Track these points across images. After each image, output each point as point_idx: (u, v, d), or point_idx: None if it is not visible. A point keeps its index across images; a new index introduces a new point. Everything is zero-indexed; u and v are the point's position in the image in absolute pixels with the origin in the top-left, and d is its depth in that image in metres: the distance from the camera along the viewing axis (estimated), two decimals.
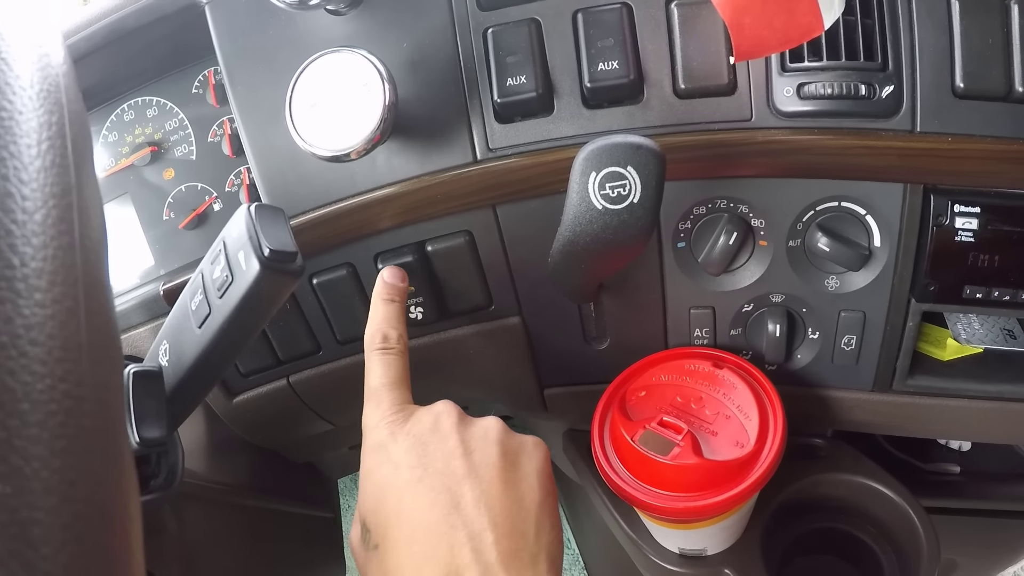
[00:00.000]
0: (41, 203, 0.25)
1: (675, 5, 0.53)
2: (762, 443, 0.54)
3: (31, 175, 0.25)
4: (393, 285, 0.55)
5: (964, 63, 0.50)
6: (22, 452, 0.21)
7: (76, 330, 0.24)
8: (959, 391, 0.60)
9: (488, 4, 0.55)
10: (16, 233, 0.24)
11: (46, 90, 0.29)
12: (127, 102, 0.71)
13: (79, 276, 0.25)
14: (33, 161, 0.26)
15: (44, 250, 0.24)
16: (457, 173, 0.55)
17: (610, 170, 0.44)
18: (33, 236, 0.24)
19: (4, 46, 0.29)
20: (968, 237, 0.54)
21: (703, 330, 0.61)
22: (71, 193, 0.27)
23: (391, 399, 0.49)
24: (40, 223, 0.24)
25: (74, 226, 0.26)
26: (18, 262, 0.23)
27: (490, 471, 0.44)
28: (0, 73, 0.28)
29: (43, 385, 0.22)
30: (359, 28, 0.57)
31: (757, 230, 0.57)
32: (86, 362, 0.24)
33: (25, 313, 0.22)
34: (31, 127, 0.27)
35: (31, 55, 0.30)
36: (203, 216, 0.69)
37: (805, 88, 0.51)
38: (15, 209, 0.24)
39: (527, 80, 0.53)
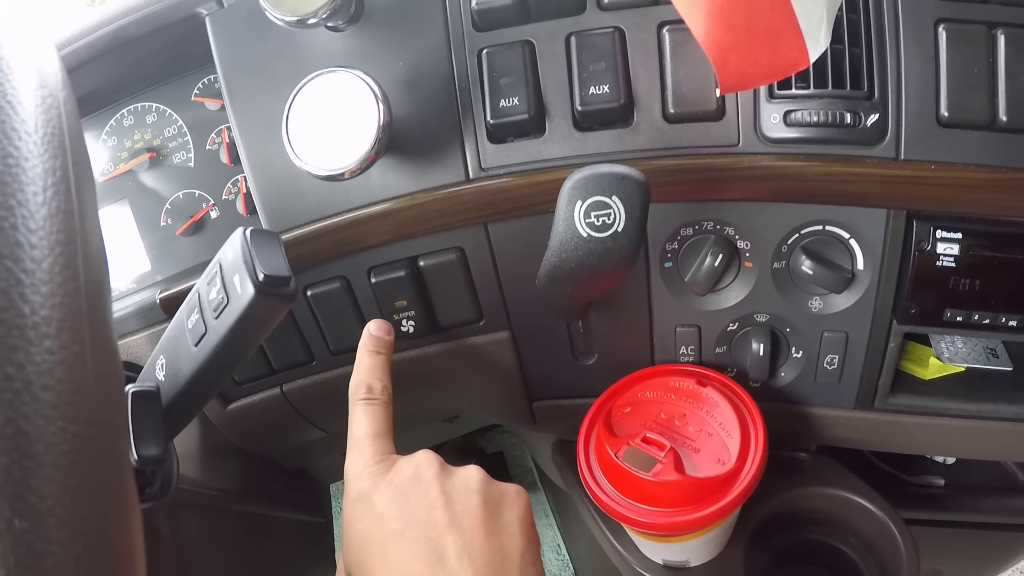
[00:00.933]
0: (48, 251, 0.27)
1: (667, 30, 0.54)
2: (743, 461, 0.56)
3: (38, 223, 0.27)
4: (379, 338, 0.57)
5: (949, 92, 0.51)
6: (37, 491, 0.23)
7: (84, 373, 0.26)
8: (940, 410, 0.62)
9: (484, 24, 0.57)
10: (26, 282, 0.25)
11: (50, 134, 0.31)
12: (127, 107, 0.72)
13: (85, 320, 0.27)
14: (39, 209, 0.28)
15: (52, 298, 0.26)
16: (450, 191, 0.57)
17: (595, 199, 0.46)
18: (42, 284, 0.26)
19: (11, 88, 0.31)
20: (949, 262, 0.55)
21: (689, 347, 0.63)
22: (76, 239, 0.28)
23: (373, 449, 0.50)
24: (48, 271, 0.26)
25: (79, 272, 0.28)
26: (28, 311, 0.25)
27: (472, 521, 0.45)
28: (7, 117, 0.30)
29: (55, 428, 0.24)
30: (356, 45, 0.58)
31: (743, 252, 0.58)
32: (94, 403, 0.26)
33: (36, 360, 0.24)
34: (36, 174, 0.29)
35: (35, 96, 0.32)
36: (200, 223, 0.71)
37: (792, 115, 0.53)
38: (24, 258, 0.26)
39: (520, 102, 0.55)
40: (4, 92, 0.30)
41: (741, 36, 0.42)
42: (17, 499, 0.22)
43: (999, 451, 0.69)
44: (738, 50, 0.42)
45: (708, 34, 0.41)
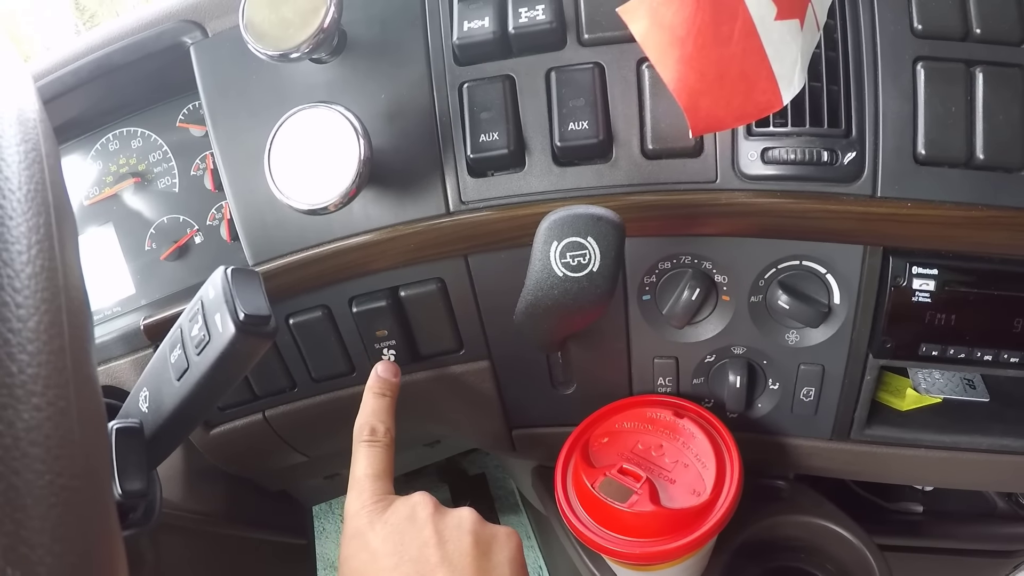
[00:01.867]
0: (34, 310, 0.27)
1: (646, 66, 0.55)
2: (718, 492, 0.57)
3: (23, 282, 0.28)
4: (386, 380, 0.59)
5: (927, 130, 0.52)
6: (28, 541, 0.24)
7: (69, 427, 0.27)
8: (916, 441, 0.63)
9: (464, 59, 0.57)
10: (12, 341, 0.26)
11: (33, 190, 0.31)
12: (112, 132, 0.73)
13: (70, 376, 0.28)
14: (24, 268, 0.28)
15: (38, 356, 0.27)
16: (430, 224, 0.57)
17: (571, 240, 0.47)
18: (28, 343, 0.27)
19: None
20: (925, 297, 0.56)
21: (666, 379, 0.63)
22: (60, 296, 0.29)
23: (372, 489, 0.52)
24: (34, 330, 0.27)
25: (64, 328, 0.28)
26: (16, 369, 0.26)
27: (463, 560, 0.47)
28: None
29: (43, 481, 0.25)
30: (339, 77, 0.59)
31: (720, 285, 0.59)
32: (79, 454, 0.27)
33: (25, 417, 0.25)
34: (21, 232, 0.29)
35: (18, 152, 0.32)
36: (184, 248, 0.71)
37: (769, 152, 0.53)
38: (11, 318, 0.27)
39: (499, 137, 0.56)
40: None
41: (712, 82, 0.42)
42: (9, 549, 0.24)
43: (975, 482, 0.70)
44: (710, 95, 0.43)
45: (678, 80, 0.42)
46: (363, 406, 0.57)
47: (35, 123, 0.35)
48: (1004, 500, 0.80)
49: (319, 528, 1.19)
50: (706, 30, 0.40)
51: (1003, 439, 0.61)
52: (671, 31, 0.40)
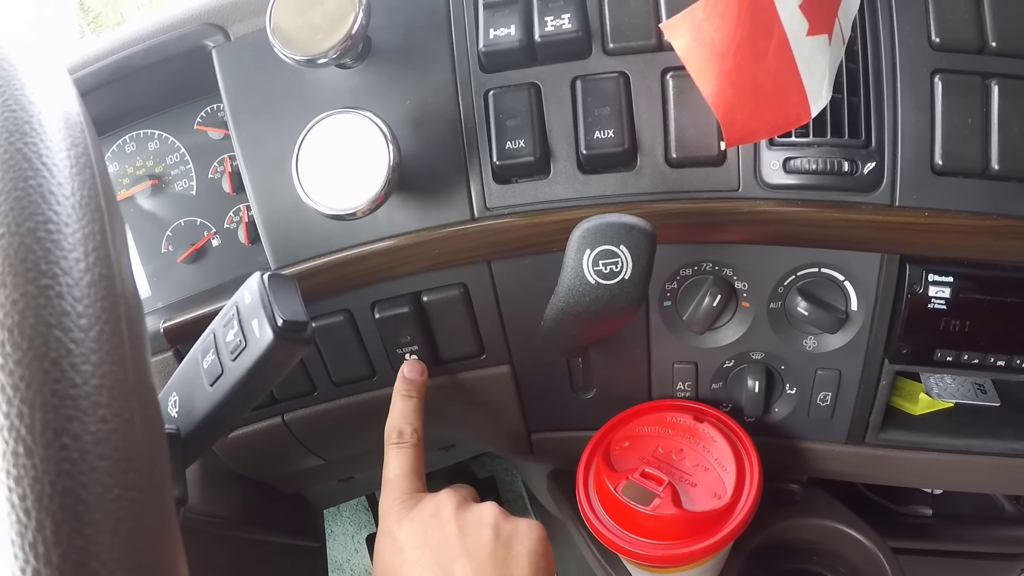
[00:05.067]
0: (95, 319, 0.28)
1: (671, 76, 0.56)
2: (738, 495, 0.58)
3: (83, 291, 0.28)
4: (412, 380, 0.61)
5: (944, 141, 0.53)
6: (99, 557, 0.24)
7: (135, 439, 0.27)
8: (929, 445, 0.65)
9: (490, 66, 0.59)
10: (75, 352, 0.27)
11: (87, 196, 0.32)
12: (129, 134, 0.74)
13: (132, 387, 0.28)
14: (83, 276, 0.29)
15: (102, 367, 0.27)
16: (455, 230, 0.59)
17: (604, 248, 0.48)
18: (91, 354, 0.27)
19: (45, 149, 0.32)
20: (940, 304, 0.58)
21: (686, 383, 0.65)
22: (119, 305, 0.30)
23: (402, 489, 0.55)
24: (96, 340, 0.28)
25: (124, 338, 0.29)
26: (80, 380, 0.26)
27: (482, 552, 0.49)
28: (43, 180, 0.31)
29: (112, 495, 0.26)
30: (363, 83, 0.60)
31: (740, 292, 0.61)
32: (145, 467, 0.27)
33: (91, 429, 0.26)
34: (77, 239, 0.30)
35: (69, 157, 0.33)
36: (201, 251, 0.72)
37: (791, 162, 0.55)
38: (72, 327, 0.27)
39: (525, 144, 0.57)
40: (39, 153, 0.31)
41: (747, 96, 0.44)
42: (80, 566, 0.24)
43: (987, 484, 0.72)
44: (744, 109, 0.44)
45: (717, 95, 0.43)
46: (392, 409, 0.60)
47: (81, 126, 0.36)
48: (1012, 503, 0.82)
49: (327, 531, 1.20)
50: (744, 46, 0.41)
51: (1014, 443, 0.63)
52: (712, 47, 0.41)
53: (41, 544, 0.24)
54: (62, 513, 0.24)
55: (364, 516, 1.22)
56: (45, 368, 0.26)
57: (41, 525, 0.24)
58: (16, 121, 0.31)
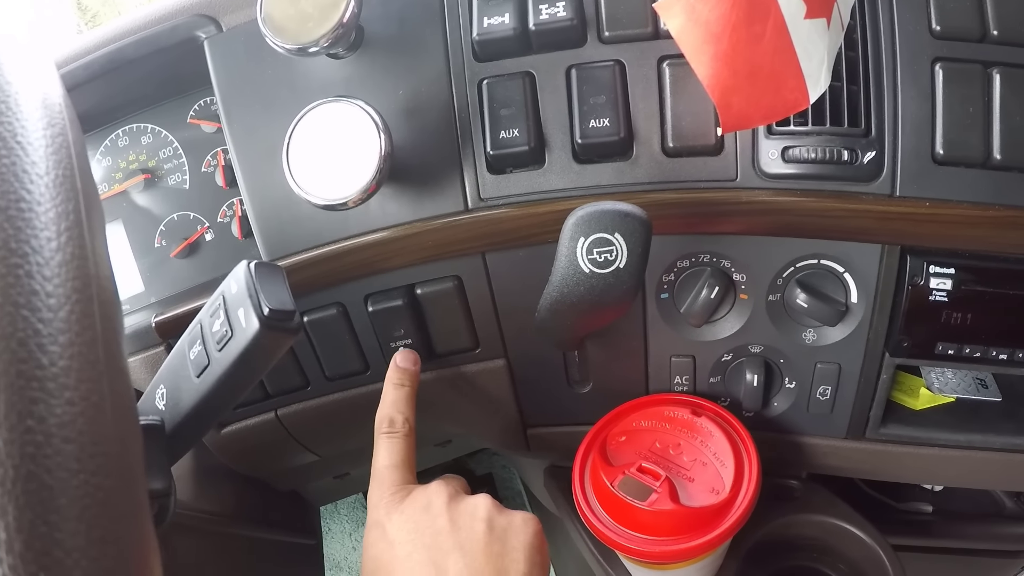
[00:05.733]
0: (65, 299, 0.27)
1: (667, 64, 0.55)
2: (737, 490, 0.57)
3: (53, 270, 0.27)
4: (404, 370, 0.60)
5: (945, 130, 0.53)
6: (63, 544, 0.23)
7: (103, 423, 0.26)
8: (929, 440, 0.64)
9: (484, 55, 0.58)
10: (43, 332, 0.26)
11: (61, 176, 0.31)
12: (122, 127, 0.73)
13: (103, 369, 0.27)
14: (54, 255, 0.28)
15: (70, 348, 0.26)
16: (448, 221, 0.58)
17: (598, 236, 0.47)
18: (60, 334, 0.26)
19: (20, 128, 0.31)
20: (942, 297, 0.57)
21: (683, 377, 0.64)
22: (91, 285, 0.29)
23: (392, 479, 0.53)
24: (65, 320, 0.27)
25: (95, 319, 0.28)
26: (47, 362, 0.25)
27: (476, 546, 0.48)
28: (17, 159, 0.30)
29: (78, 481, 0.24)
30: (356, 73, 0.59)
31: (738, 284, 0.60)
32: (114, 453, 0.26)
33: (57, 412, 0.25)
34: (49, 218, 0.29)
35: (45, 136, 0.32)
36: (195, 245, 0.71)
37: (790, 151, 0.54)
38: (41, 307, 0.26)
39: (520, 134, 0.56)
40: (13, 132, 0.30)
41: (744, 79, 0.43)
42: (43, 554, 0.23)
43: (988, 480, 0.71)
44: (741, 93, 0.43)
45: (712, 77, 0.42)
46: (383, 398, 0.58)
47: (60, 108, 0.35)
48: (1012, 500, 0.81)
49: (324, 528, 1.19)
50: (740, 27, 0.40)
51: (1016, 438, 0.62)
52: (707, 28, 0.40)
53: (3, 531, 0.23)
54: (25, 498, 0.23)
55: (361, 514, 1.21)
56: (12, 348, 0.25)
57: (3, 511, 0.23)
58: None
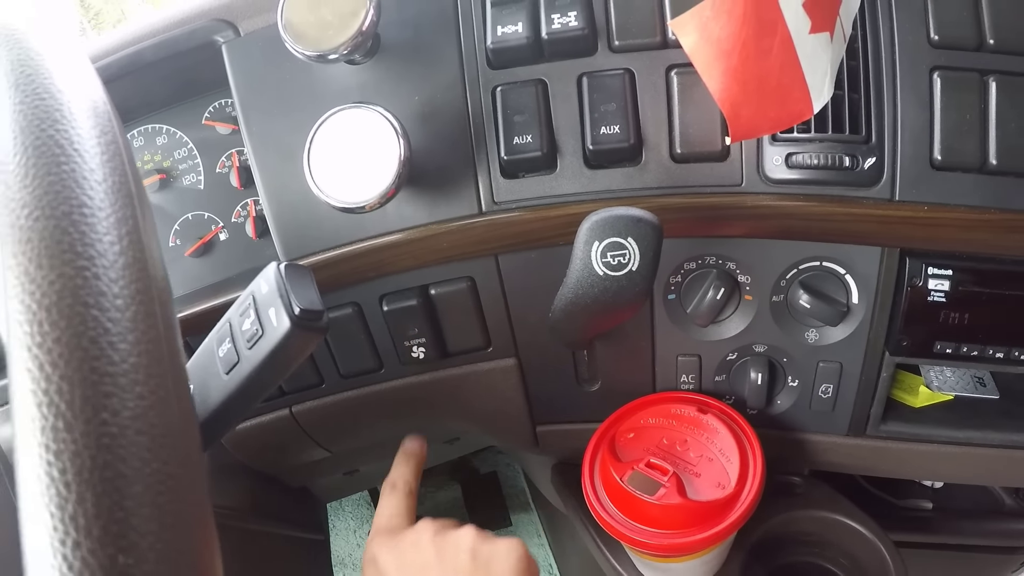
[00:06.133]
0: (130, 300, 0.30)
1: (675, 73, 0.59)
2: (742, 485, 0.60)
3: (118, 272, 0.30)
4: (412, 451, 0.71)
5: (943, 137, 0.56)
6: (138, 528, 0.26)
7: (171, 415, 0.29)
8: (929, 437, 0.67)
9: (498, 63, 0.61)
10: (113, 331, 0.29)
11: (118, 182, 0.34)
12: (137, 128, 0.75)
13: (168, 366, 0.30)
14: (118, 259, 0.31)
15: (138, 345, 0.29)
16: (463, 223, 0.61)
17: (612, 240, 0.50)
18: (128, 333, 0.29)
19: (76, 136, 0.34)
20: (940, 297, 0.60)
21: (689, 376, 0.67)
22: (152, 287, 0.32)
23: (389, 527, 0.62)
24: (132, 320, 0.30)
25: (158, 319, 0.31)
26: (118, 358, 0.28)
27: (460, 575, 0.54)
28: (76, 166, 0.33)
29: (150, 469, 0.27)
30: (372, 78, 0.62)
31: (743, 285, 0.63)
32: (180, 443, 0.29)
33: (130, 406, 0.28)
34: (111, 223, 0.32)
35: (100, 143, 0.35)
36: (209, 244, 0.74)
37: (793, 158, 0.57)
38: (109, 307, 0.29)
39: (533, 139, 0.59)
40: (71, 139, 0.33)
41: (752, 92, 0.46)
42: (120, 536, 0.26)
43: (986, 476, 0.74)
44: (749, 105, 0.46)
45: (723, 91, 0.45)
46: (393, 466, 0.69)
47: (109, 115, 0.38)
48: (1011, 497, 0.84)
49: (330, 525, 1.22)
50: (749, 44, 0.44)
51: (1013, 435, 0.65)
52: (718, 44, 0.43)
53: (82, 516, 0.25)
54: (102, 486, 0.26)
55: (367, 511, 1.25)
56: (84, 346, 0.28)
57: (82, 498, 0.26)
58: (47, 109, 0.33)
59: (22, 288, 0.28)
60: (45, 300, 0.28)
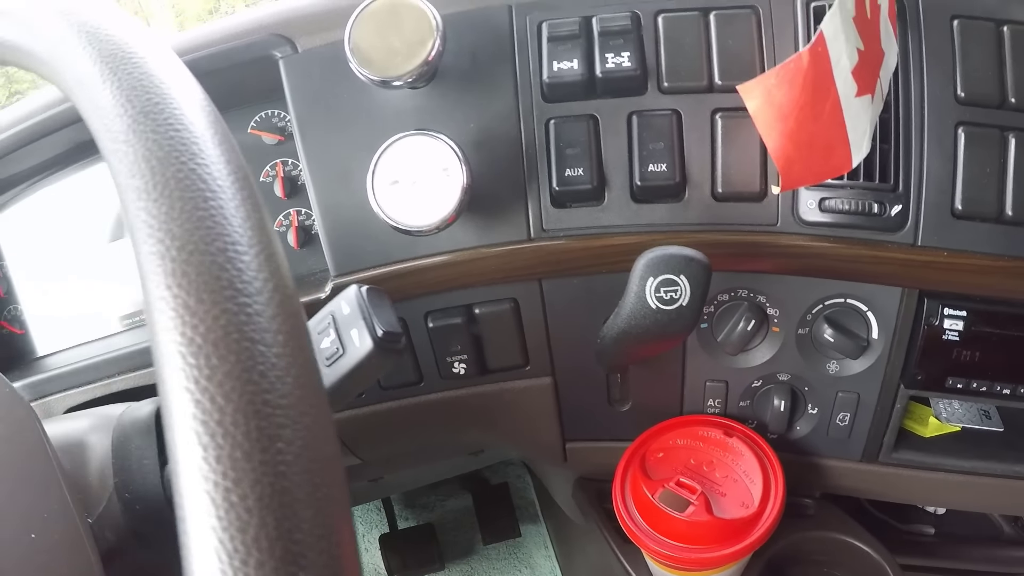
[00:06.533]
0: (288, 336, 0.35)
1: (719, 116, 0.68)
2: (764, 505, 0.71)
3: (274, 310, 0.34)
4: None
5: (964, 188, 0.66)
6: (313, 547, 0.31)
7: (329, 442, 0.34)
8: (937, 465, 0.78)
9: (552, 96, 0.70)
10: (279, 365, 0.33)
11: (260, 220, 0.37)
12: None
13: (321, 396, 0.35)
14: (272, 296, 0.35)
15: (300, 378, 0.34)
16: (512, 248, 0.70)
17: (666, 277, 0.60)
18: (291, 367, 0.34)
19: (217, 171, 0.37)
20: (954, 336, 0.71)
21: (716, 400, 0.77)
22: (300, 323, 0.37)
23: None
24: (291, 355, 0.34)
25: (308, 352, 0.36)
26: (286, 391, 0.33)
27: None
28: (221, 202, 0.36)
29: (320, 493, 0.32)
30: (429, 103, 0.71)
31: (772, 317, 0.73)
32: (336, 467, 0.34)
33: (301, 435, 0.32)
34: (260, 262, 0.35)
35: (236, 178, 0.38)
36: None
37: (826, 202, 0.67)
38: (272, 343, 0.34)
39: (584, 173, 0.68)
40: (212, 176, 0.37)
41: (803, 150, 0.56)
42: (300, 555, 0.30)
43: (990, 504, 0.85)
44: (800, 162, 0.56)
45: (779, 150, 0.55)
46: None
47: (233, 145, 0.41)
48: (1010, 525, 0.96)
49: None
50: (806, 109, 0.53)
51: (1015, 465, 0.76)
52: (779, 109, 0.53)
53: (265, 539, 0.30)
54: (281, 511, 0.30)
55: (376, 516, 1.33)
56: (255, 380, 0.32)
57: (263, 522, 0.30)
58: (184, 141, 0.37)
59: (182, 321, 0.32)
60: (211, 335, 0.32)
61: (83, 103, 0.40)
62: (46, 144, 0.83)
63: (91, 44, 0.41)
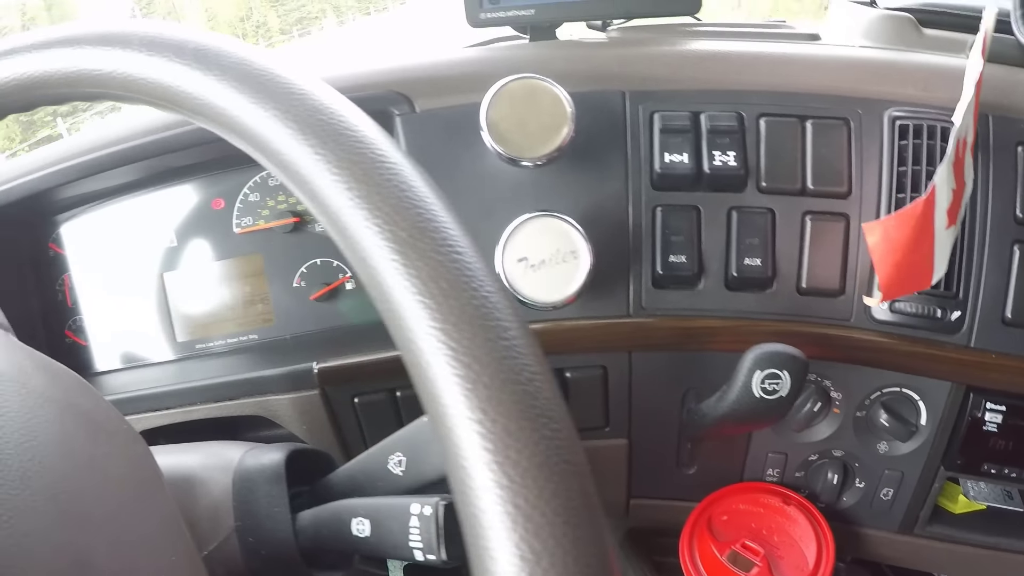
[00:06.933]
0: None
1: (809, 217, 0.83)
2: (817, 568, 0.86)
3: (574, 436, 0.39)
4: None
5: (1015, 300, 0.81)
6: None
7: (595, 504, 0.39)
8: (965, 539, 0.94)
9: (660, 185, 0.83)
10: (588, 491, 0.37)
11: (530, 338, 0.42)
12: None
13: None
14: (566, 417, 0.38)
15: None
16: (612, 322, 0.84)
17: (771, 371, 0.74)
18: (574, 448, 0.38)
19: (471, 258, 0.40)
20: (993, 428, 0.87)
21: (775, 470, 0.92)
22: None
23: None
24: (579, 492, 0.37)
25: None
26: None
27: None
28: (510, 328, 0.40)
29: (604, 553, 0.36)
30: (543, 179, 0.84)
31: (834, 400, 0.88)
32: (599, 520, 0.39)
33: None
34: (552, 390, 0.39)
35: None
36: (335, 292, 0.94)
37: (896, 304, 0.82)
38: (580, 462, 0.37)
39: (687, 260, 0.82)
40: (473, 270, 0.39)
41: (904, 274, 0.71)
42: None
43: None
44: (899, 283, 0.71)
45: (887, 277, 0.70)
46: None
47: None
48: None
49: None
50: (910, 244, 0.68)
51: None
52: (892, 244, 0.68)
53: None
54: None
55: None
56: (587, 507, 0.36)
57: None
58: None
59: (506, 446, 0.35)
60: (534, 460, 0.35)
61: (332, 222, 0.41)
62: (129, 169, 0.94)
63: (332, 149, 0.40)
